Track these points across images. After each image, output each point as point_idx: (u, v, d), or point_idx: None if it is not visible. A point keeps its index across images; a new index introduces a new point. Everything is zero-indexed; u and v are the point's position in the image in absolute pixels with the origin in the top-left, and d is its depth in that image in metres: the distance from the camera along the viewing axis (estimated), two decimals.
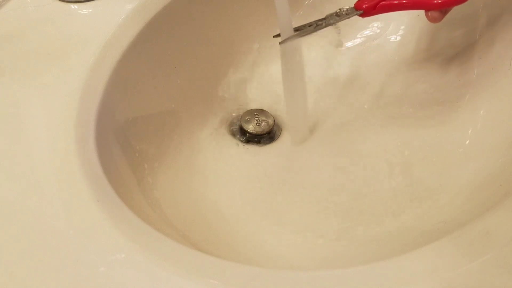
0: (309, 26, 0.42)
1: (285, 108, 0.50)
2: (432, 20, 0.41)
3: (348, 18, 0.41)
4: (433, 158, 0.45)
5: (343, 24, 0.54)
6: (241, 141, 0.49)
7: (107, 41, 0.41)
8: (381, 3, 0.40)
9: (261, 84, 0.53)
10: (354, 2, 0.41)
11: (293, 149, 0.49)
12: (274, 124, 0.50)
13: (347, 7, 0.41)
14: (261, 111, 0.51)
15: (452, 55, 0.50)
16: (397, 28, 0.53)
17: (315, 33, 0.55)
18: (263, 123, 0.50)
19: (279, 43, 0.42)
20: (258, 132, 0.49)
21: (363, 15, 0.41)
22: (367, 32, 0.54)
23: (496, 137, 0.43)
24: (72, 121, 0.35)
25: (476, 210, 0.35)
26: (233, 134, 0.50)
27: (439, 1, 0.39)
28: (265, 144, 0.49)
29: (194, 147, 0.47)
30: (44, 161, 0.33)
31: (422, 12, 0.41)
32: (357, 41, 0.55)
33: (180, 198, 0.42)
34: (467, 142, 0.45)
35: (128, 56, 0.41)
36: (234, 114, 0.51)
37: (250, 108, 0.52)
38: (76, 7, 0.44)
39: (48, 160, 0.33)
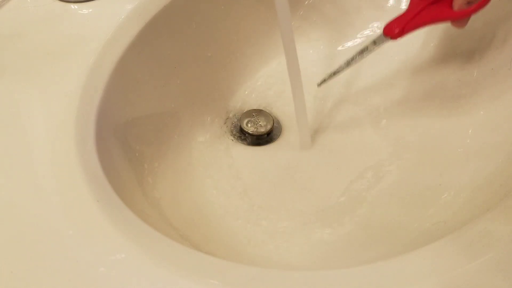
0: (344, 64, 0.44)
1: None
2: (458, 26, 0.41)
3: (380, 47, 0.41)
4: (433, 158, 0.45)
5: (344, 24, 0.55)
6: (241, 141, 0.49)
7: (107, 41, 0.41)
8: (408, 24, 0.40)
9: (261, 84, 0.53)
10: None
11: (293, 150, 0.49)
12: (273, 124, 0.50)
13: (375, 35, 0.42)
14: (260, 112, 0.51)
15: (452, 56, 0.50)
16: None
17: (313, 32, 0.56)
18: (263, 124, 0.50)
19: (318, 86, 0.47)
20: (257, 133, 0.49)
21: (392, 38, 0.41)
22: (367, 32, 0.54)
23: (496, 137, 0.43)
24: (72, 121, 0.35)
25: (476, 210, 0.35)
26: (232, 134, 0.50)
27: (467, 9, 0.38)
28: (264, 145, 0.49)
29: (194, 147, 0.47)
30: (44, 161, 0.33)
31: None
32: (357, 41, 0.55)
33: (180, 198, 0.42)
34: (467, 142, 0.45)
35: (128, 56, 0.41)
36: (234, 115, 0.51)
37: (250, 109, 0.52)
38: (76, 7, 0.44)
39: (48, 160, 0.33)
